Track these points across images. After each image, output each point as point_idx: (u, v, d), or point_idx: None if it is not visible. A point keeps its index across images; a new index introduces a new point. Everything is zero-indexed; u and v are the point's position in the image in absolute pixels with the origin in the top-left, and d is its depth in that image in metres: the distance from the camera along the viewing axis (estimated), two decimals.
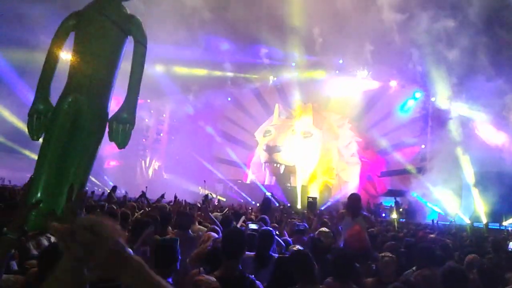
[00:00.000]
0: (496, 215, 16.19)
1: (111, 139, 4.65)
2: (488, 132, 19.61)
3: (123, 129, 4.63)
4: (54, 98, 4.80)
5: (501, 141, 19.03)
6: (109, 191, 9.93)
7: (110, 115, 4.73)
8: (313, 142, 23.58)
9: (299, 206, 20.16)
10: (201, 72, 25.43)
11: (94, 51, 4.73)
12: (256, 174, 24.80)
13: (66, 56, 5.34)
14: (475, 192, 18.37)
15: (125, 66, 4.91)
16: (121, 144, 4.68)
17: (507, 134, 18.93)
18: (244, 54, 24.47)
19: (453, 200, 18.56)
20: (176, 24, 18.84)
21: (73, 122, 4.48)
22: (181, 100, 27.02)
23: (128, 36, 4.91)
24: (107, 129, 4.69)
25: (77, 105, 4.51)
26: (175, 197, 8.79)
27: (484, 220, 15.74)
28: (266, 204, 7.77)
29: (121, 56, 4.88)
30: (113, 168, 26.55)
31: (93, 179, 21.73)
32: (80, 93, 4.56)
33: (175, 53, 21.40)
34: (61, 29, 4.91)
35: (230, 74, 25.96)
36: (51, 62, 4.86)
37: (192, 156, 25.56)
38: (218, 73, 25.75)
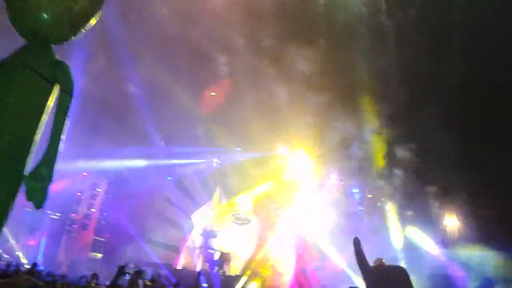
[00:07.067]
0: None
1: (28, 198, 4.11)
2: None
3: (40, 187, 4.13)
4: None
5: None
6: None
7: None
8: (251, 229, 23.01)
9: None
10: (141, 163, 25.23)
11: (14, 109, 4.17)
12: (189, 260, 23.39)
13: None
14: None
15: None
16: (39, 204, 4.16)
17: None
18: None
19: None
20: None
21: None
22: (119, 174, 25.95)
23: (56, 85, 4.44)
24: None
25: None
26: None
27: None
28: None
29: (49, 108, 4.37)
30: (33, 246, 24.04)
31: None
32: None
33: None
34: None
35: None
36: None
37: (122, 235, 23.93)
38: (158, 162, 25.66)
